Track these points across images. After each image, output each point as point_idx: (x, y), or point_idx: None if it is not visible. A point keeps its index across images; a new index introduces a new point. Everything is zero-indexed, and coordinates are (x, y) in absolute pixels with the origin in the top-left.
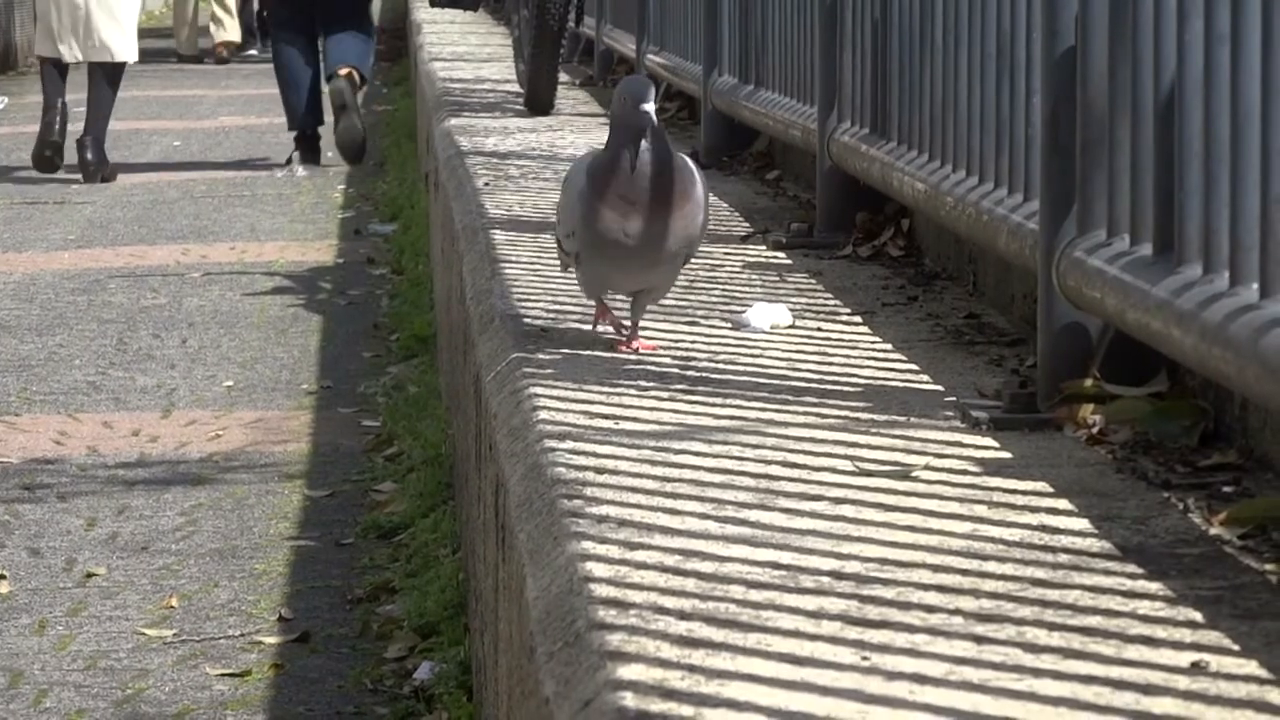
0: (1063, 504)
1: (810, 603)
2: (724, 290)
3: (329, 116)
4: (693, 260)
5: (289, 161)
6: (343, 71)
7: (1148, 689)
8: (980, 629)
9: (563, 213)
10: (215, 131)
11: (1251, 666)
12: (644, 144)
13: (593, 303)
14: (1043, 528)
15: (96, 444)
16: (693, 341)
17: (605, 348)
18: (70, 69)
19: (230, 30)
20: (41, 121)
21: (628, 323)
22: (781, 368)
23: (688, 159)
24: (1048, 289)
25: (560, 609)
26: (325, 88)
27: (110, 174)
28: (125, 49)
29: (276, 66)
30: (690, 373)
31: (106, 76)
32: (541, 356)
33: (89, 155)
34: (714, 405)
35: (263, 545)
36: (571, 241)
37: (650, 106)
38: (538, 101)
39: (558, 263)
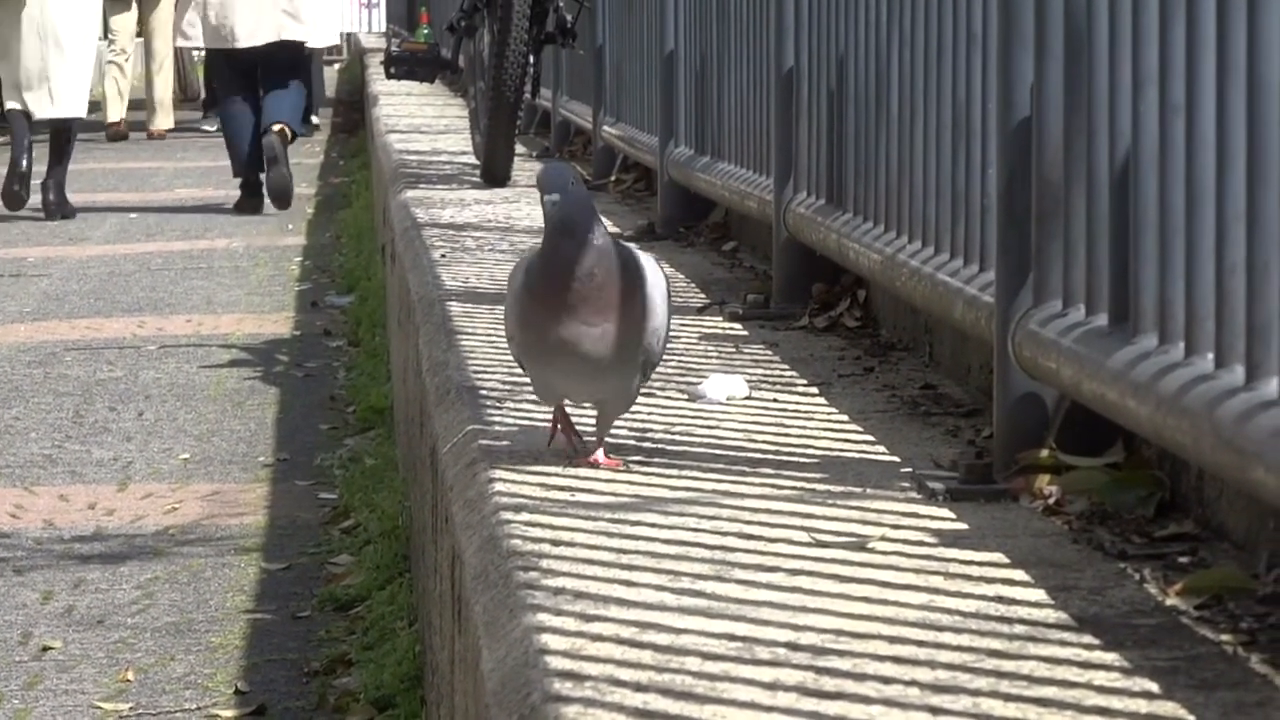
0: (1019, 575)
1: (766, 674)
2: (680, 361)
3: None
4: None
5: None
6: (275, 128)
7: None
8: (936, 700)
9: (506, 314)
10: (171, 203)
11: None
12: (570, 241)
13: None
14: (999, 598)
15: (52, 517)
16: (649, 413)
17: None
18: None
19: (162, 120)
20: (10, 159)
21: (593, 436)
22: (738, 439)
23: (644, 257)
24: (1004, 360)
25: (516, 681)
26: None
27: (70, 212)
28: (79, 106)
29: (223, 120)
30: (646, 444)
31: (65, 128)
32: (498, 428)
33: (51, 196)
34: (670, 477)
35: (219, 618)
36: (513, 346)
37: (555, 196)
38: (494, 173)
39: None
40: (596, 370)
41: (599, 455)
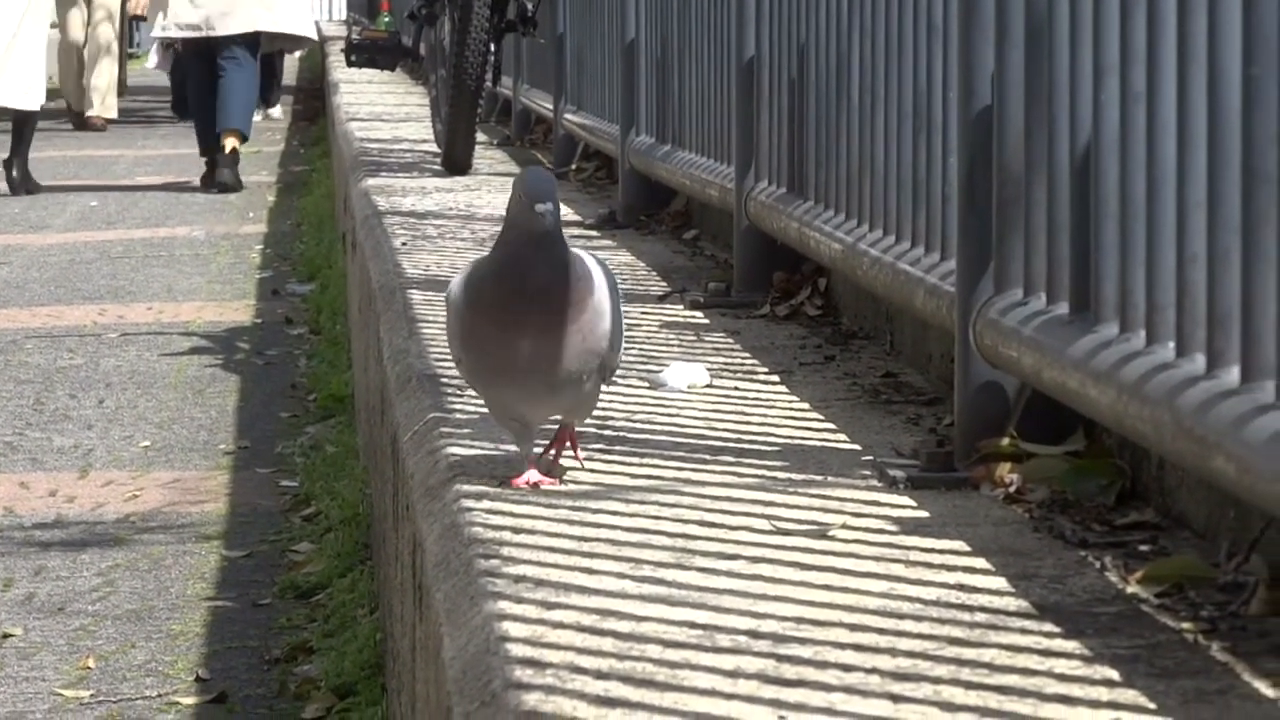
0: (980, 563)
1: (727, 662)
2: (641, 350)
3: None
4: None
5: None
6: (227, 147)
7: None
8: (897, 688)
9: (449, 336)
10: (132, 191)
11: None
12: (538, 252)
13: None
14: (960, 586)
15: (13, 504)
16: (610, 401)
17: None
18: None
19: (108, 108)
20: None
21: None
22: (699, 427)
23: (587, 258)
24: (964, 348)
25: (477, 668)
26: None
27: (35, 187)
28: (35, 97)
29: (189, 100)
30: (607, 432)
31: (24, 114)
32: (458, 416)
33: (14, 174)
34: (631, 465)
35: (180, 606)
36: (461, 369)
37: (549, 206)
38: (455, 161)
39: None
40: (554, 385)
41: (544, 477)
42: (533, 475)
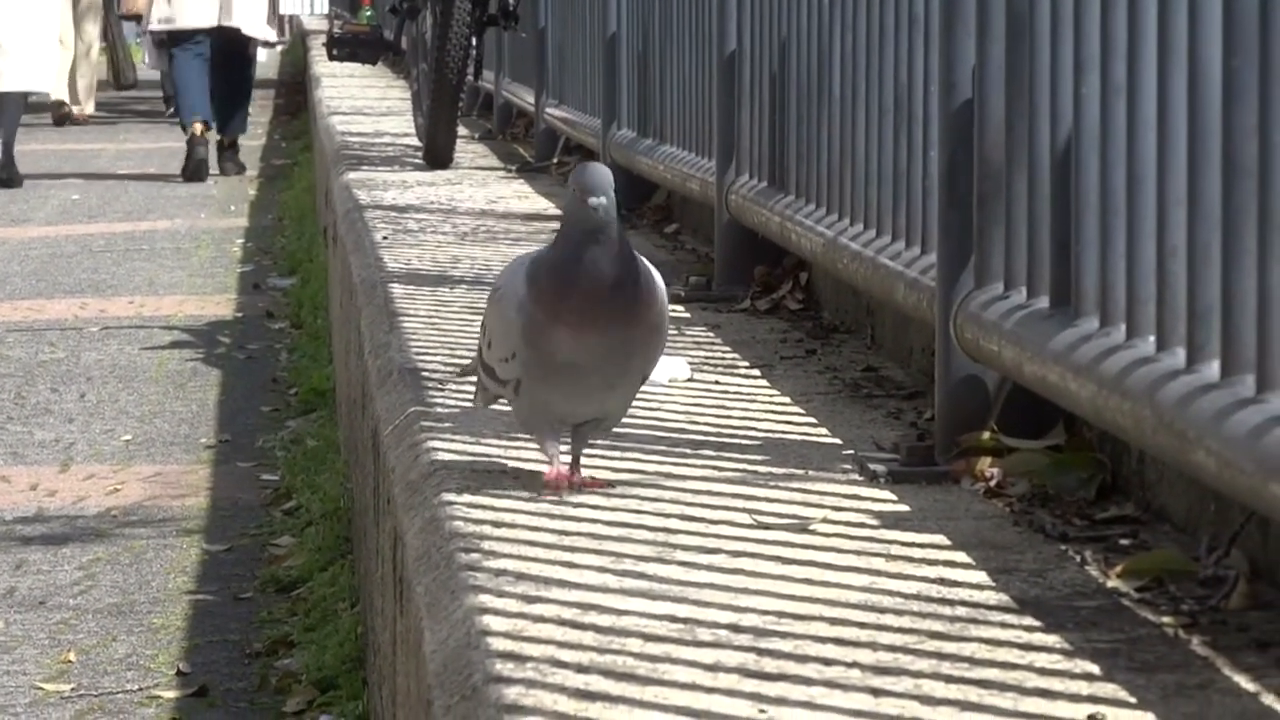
0: (960, 557)
1: (708, 655)
2: None
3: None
4: None
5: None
6: (226, 143)
7: None
8: (877, 681)
9: (495, 333)
10: (113, 185)
11: (1148, 719)
12: (598, 247)
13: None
14: (940, 580)
15: None
16: None
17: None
18: None
19: (84, 103)
20: None
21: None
22: (679, 421)
23: (646, 262)
24: (945, 342)
25: (458, 662)
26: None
27: (17, 179)
28: (37, 80)
29: (175, 74)
30: None
31: (14, 100)
32: (439, 410)
33: None
34: (612, 458)
35: (161, 600)
36: (510, 366)
37: (603, 200)
38: (437, 155)
39: (464, 363)
40: (614, 385)
41: (583, 476)
42: (579, 477)
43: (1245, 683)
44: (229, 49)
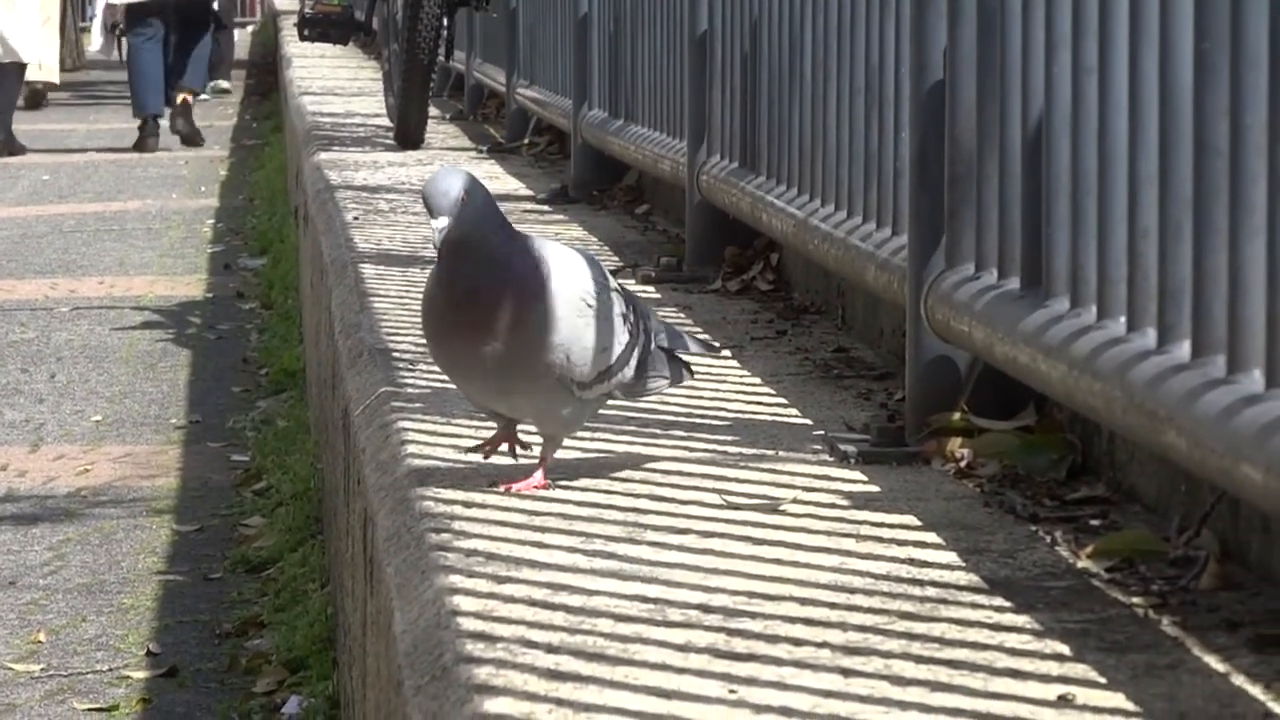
0: (930, 537)
1: (678, 636)
2: None
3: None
4: None
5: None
6: (179, 99)
7: None
8: (847, 662)
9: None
10: (84, 165)
11: (1118, 699)
12: (451, 261)
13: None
14: (910, 561)
15: None
16: None
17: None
18: None
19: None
20: None
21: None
22: (650, 401)
23: (556, 263)
24: (916, 323)
25: (428, 642)
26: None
27: (19, 149)
28: (29, 50)
29: (129, 60)
30: None
31: (13, 72)
32: (410, 390)
33: None
34: (582, 439)
35: (131, 580)
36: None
37: (441, 223)
38: (408, 136)
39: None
40: (499, 388)
41: (530, 480)
42: (533, 479)
43: (1215, 663)
44: (186, 23)
